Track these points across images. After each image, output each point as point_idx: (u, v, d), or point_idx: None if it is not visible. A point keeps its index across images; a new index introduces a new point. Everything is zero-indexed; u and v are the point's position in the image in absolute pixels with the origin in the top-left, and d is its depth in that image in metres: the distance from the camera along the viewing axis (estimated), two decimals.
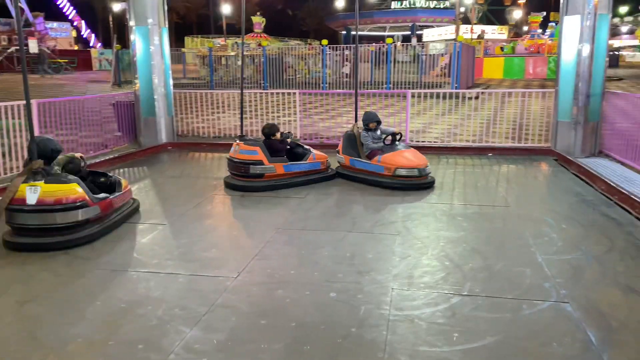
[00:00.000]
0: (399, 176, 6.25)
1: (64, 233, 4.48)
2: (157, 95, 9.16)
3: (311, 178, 6.64)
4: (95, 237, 4.63)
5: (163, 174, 7.49)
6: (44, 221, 4.42)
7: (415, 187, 6.26)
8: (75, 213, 4.49)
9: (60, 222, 4.44)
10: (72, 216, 4.48)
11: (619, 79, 26.74)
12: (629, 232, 4.80)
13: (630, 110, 7.37)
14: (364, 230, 4.91)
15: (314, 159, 6.72)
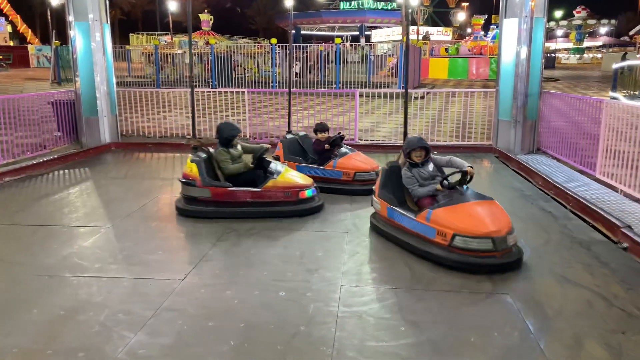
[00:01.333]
0: (458, 248, 3.95)
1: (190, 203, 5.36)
2: (99, 94, 8.83)
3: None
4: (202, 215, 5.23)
5: (106, 175, 7.23)
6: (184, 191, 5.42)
7: (487, 268, 3.92)
8: (188, 188, 5.27)
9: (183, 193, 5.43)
10: (186, 190, 5.32)
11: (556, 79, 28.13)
12: (563, 224, 5.06)
13: (565, 109, 7.77)
14: (314, 229, 4.93)
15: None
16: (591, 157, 6.54)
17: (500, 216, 4.03)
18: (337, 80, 20.32)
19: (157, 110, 10.21)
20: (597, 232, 4.83)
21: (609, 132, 6.09)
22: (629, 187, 5.56)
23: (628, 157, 5.58)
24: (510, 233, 3.94)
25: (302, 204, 5.31)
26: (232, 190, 5.19)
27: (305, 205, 5.33)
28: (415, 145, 4.49)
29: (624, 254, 4.31)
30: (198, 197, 5.24)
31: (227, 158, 5.32)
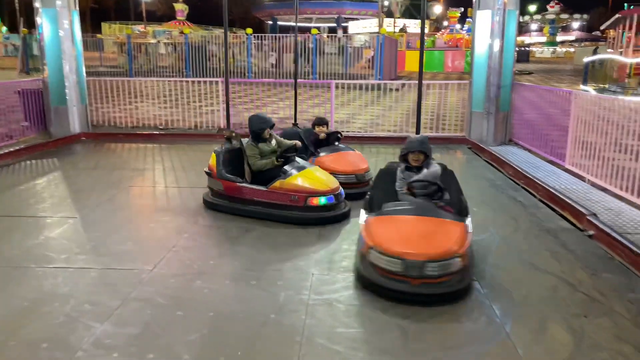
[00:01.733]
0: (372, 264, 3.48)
1: None
2: (69, 83, 8.61)
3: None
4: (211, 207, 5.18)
5: (75, 165, 7.07)
6: None
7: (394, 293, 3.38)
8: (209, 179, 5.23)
9: None
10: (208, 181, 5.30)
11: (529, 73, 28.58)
12: (532, 213, 5.16)
13: (537, 101, 7.90)
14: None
15: None
16: (561, 148, 6.67)
17: (440, 238, 3.41)
18: (313, 71, 20.25)
19: (129, 100, 10.01)
20: (565, 221, 4.93)
21: (578, 124, 6.22)
22: (596, 177, 5.69)
23: (595, 148, 5.71)
24: (434, 261, 3.25)
25: (311, 212, 4.69)
26: (240, 186, 4.89)
27: (313, 214, 4.68)
28: (415, 148, 4.00)
29: (590, 241, 4.41)
30: (214, 189, 5.13)
31: (255, 153, 4.91)
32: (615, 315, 3.18)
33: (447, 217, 3.64)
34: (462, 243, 3.41)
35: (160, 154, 7.86)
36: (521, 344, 2.86)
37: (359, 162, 5.67)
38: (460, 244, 3.39)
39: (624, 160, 5.18)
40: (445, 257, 3.28)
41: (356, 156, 5.82)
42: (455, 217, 3.66)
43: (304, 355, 2.75)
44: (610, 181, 5.38)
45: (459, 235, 3.47)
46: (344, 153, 5.80)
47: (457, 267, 3.31)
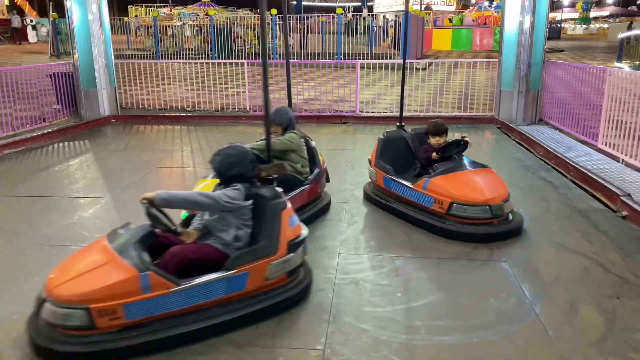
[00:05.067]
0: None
1: None
2: (98, 66, 8.75)
3: None
4: None
5: (106, 147, 7.22)
6: None
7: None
8: None
9: None
10: None
11: (561, 50, 27.72)
12: (563, 194, 5.05)
13: (568, 79, 7.67)
14: None
15: None
16: (593, 127, 6.48)
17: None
18: (338, 51, 20.07)
19: (157, 83, 10.13)
20: (597, 201, 4.82)
21: (612, 102, 6.02)
22: (631, 157, 5.52)
23: (630, 127, 5.53)
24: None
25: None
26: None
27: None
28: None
29: (623, 222, 4.31)
30: None
31: None
32: None
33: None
34: None
35: (187, 135, 7.96)
36: (551, 325, 2.83)
37: (495, 186, 4.04)
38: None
39: None
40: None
41: (489, 177, 4.17)
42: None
43: (332, 332, 2.78)
44: None
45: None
46: (471, 172, 4.18)
47: None
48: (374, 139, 7.69)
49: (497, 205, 3.89)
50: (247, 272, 2.81)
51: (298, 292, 3.02)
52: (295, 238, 3.00)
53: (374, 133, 8.11)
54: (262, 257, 2.86)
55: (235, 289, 2.80)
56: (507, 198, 3.98)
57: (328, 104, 9.62)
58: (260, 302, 2.87)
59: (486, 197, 3.88)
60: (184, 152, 6.93)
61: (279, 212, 2.94)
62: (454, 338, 2.74)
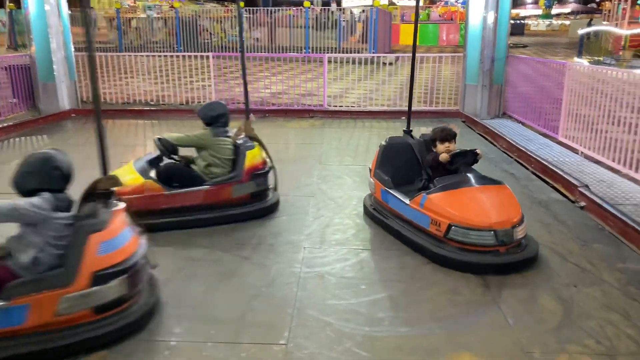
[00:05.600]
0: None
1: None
2: (56, 59, 8.45)
3: None
4: None
5: (66, 142, 7.00)
6: None
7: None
8: None
9: None
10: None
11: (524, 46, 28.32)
12: (524, 185, 5.16)
13: (531, 73, 7.84)
14: (279, 194, 4.88)
15: None
16: (554, 120, 6.64)
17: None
18: (306, 45, 19.99)
19: (120, 76, 9.87)
20: (557, 193, 4.94)
21: (572, 96, 6.17)
22: (589, 149, 5.68)
23: (589, 120, 5.69)
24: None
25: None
26: None
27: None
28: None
29: (581, 213, 4.43)
30: None
31: None
32: (605, 284, 3.20)
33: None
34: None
35: (151, 129, 7.79)
36: (511, 314, 2.88)
37: (505, 206, 3.47)
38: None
39: (617, 132, 5.17)
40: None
41: (500, 195, 3.57)
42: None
43: (295, 326, 2.76)
44: (604, 153, 5.37)
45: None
46: (478, 189, 3.57)
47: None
48: (341, 133, 7.76)
49: (504, 231, 3.27)
50: (27, 304, 2.35)
51: (106, 333, 2.51)
52: (109, 267, 2.50)
53: (341, 127, 8.12)
54: (51, 288, 2.38)
55: (10, 323, 2.34)
56: (518, 222, 3.34)
57: (296, 98, 9.57)
58: (44, 341, 2.40)
59: (490, 220, 3.28)
60: (148, 146, 6.76)
61: (83, 235, 2.47)
62: (416, 329, 2.76)
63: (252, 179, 4.23)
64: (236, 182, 4.15)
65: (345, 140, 7.23)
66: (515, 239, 3.35)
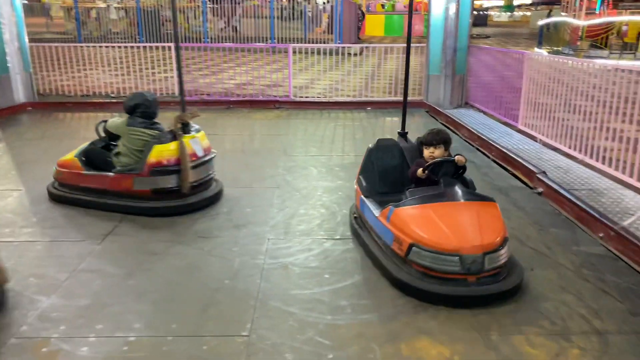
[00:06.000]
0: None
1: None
2: (9, 50, 8.12)
3: None
4: None
5: (21, 136, 6.74)
6: (205, 173, 4.36)
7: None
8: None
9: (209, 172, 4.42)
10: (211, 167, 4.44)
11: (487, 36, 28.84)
12: (485, 173, 5.27)
13: (492, 63, 7.98)
14: (243, 186, 4.85)
15: None
16: (515, 109, 6.79)
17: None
18: (271, 36, 19.83)
19: (78, 68, 9.56)
20: (516, 179, 5.06)
21: (531, 85, 6.32)
22: (547, 137, 5.84)
23: (547, 109, 5.83)
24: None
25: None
26: None
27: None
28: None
29: (539, 199, 4.55)
30: None
31: None
32: (560, 267, 3.31)
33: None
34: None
35: None
36: None
37: (482, 228, 2.93)
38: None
39: (573, 120, 5.32)
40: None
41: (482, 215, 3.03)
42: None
43: (257, 317, 2.75)
44: (561, 141, 5.53)
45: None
46: (454, 205, 3.09)
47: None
48: (307, 123, 7.74)
49: (472, 257, 2.78)
50: None
51: None
52: None
53: (307, 118, 8.10)
54: None
55: None
56: (494, 248, 2.83)
57: (261, 89, 9.49)
58: None
59: (456, 243, 2.80)
60: None
61: None
62: (377, 315, 2.78)
63: (154, 175, 4.04)
64: (136, 174, 4.07)
65: (311, 131, 7.22)
66: (487, 267, 2.82)
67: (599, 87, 5.02)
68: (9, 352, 2.45)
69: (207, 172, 4.39)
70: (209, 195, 4.34)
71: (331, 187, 4.82)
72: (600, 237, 3.68)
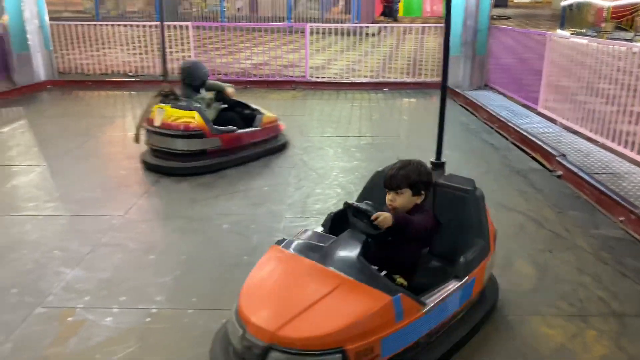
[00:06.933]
0: None
1: (183, 159, 4.54)
2: (30, 28, 8.20)
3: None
4: (215, 168, 4.59)
5: (42, 113, 6.85)
6: (167, 145, 4.55)
7: None
8: (192, 141, 4.51)
9: (179, 148, 4.53)
10: (188, 144, 4.51)
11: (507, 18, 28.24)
12: (504, 155, 5.22)
13: (513, 45, 7.84)
14: (261, 165, 4.88)
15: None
16: (535, 92, 6.69)
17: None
18: (288, 15, 19.67)
19: (97, 47, 9.61)
20: (535, 162, 5.01)
21: (552, 67, 6.21)
22: (568, 120, 5.75)
23: (568, 92, 5.73)
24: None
25: (280, 140, 5.30)
26: (239, 134, 4.78)
27: (281, 140, 5.30)
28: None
29: (558, 181, 4.50)
30: (208, 149, 4.62)
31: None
32: (578, 249, 3.29)
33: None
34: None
35: (130, 101, 7.65)
36: None
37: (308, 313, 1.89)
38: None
39: (595, 103, 5.23)
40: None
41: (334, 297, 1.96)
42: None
43: None
44: (582, 124, 5.44)
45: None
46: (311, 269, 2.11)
47: None
48: (323, 104, 7.72)
49: (248, 337, 1.88)
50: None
51: None
52: None
53: (323, 98, 8.07)
54: None
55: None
56: (291, 348, 1.80)
57: (278, 69, 9.46)
58: None
59: (245, 310, 1.97)
60: (126, 118, 6.67)
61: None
62: None
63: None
64: None
65: (328, 112, 7.20)
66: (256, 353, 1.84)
67: (623, 70, 4.91)
68: (37, 320, 2.53)
69: (168, 144, 4.57)
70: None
71: (347, 168, 4.83)
72: (620, 220, 3.64)
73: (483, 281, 2.46)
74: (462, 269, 2.27)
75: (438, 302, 2.12)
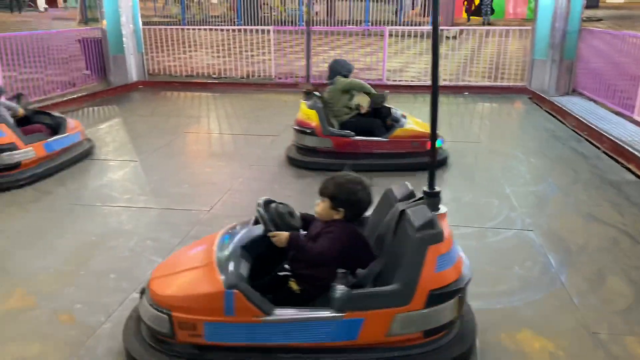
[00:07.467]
0: None
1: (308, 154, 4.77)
2: (125, 32, 8.79)
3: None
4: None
5: (134, 112, 7.32)
6: (296, 140, 4.83)
7: None
8: (307, 138, 4.73)
9: (300, 142, 4.80)
10: (303, 139, 4.76)
11: (599, 19, 26.56)
12: (594, 164, 4.93)
13: (605, 49, 7.38)
14: None
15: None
16: (630, 98, 6.25)
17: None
18: (366, 19, 19.69)
19: (183, 50, 10.14)
20: (630, 173, 4.69)
21: None
22: None
23: None
24: None
25: None
26: (356, 140, 4.69)
27: None
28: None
29: None
30: (317, 148, 4.72)
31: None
32: None
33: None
34: None
35: (214, 102, 8.00)
36: (576, 293, 2.80)
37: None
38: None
39: None
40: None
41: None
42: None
43: None
44: None
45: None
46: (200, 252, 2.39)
47: None
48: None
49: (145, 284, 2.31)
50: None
51: None
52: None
53: (400, 101, 7.99)
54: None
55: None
56: None
57: (355, 73, 9.48)
58: None
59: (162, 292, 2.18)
60: (210, 118, 6.98)
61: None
62: (476, 304, 2.72)
63: None
64: None
65: None
66: None
67: None
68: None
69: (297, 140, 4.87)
70: None
71: None
72: None
73: (388, 330, 2.08)
74: (338, 301, 2.04)
75: (291, 319, 2.04)
